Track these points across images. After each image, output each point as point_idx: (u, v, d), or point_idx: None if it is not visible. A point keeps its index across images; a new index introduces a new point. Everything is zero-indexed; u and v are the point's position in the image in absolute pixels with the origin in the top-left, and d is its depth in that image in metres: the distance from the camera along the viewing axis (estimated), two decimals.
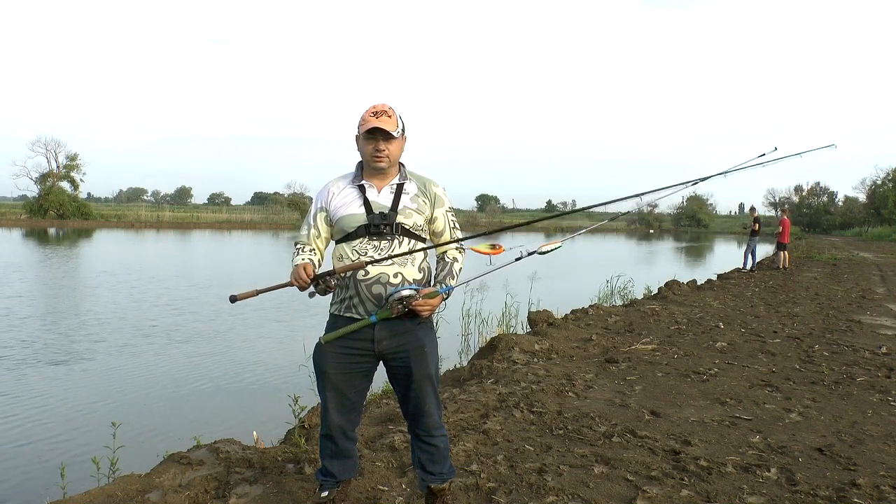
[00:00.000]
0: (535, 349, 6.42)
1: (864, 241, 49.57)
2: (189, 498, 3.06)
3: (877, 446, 4.00)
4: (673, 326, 8.19)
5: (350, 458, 2.84)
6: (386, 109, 2.56)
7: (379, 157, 2.57)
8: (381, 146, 2.55)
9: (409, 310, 2.56)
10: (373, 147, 2.56)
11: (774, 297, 11.75)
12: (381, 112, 2.55)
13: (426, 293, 2.54)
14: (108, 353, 8.21)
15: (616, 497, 3.18)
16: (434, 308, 2.59)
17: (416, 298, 2.52)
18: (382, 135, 2.54)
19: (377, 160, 2.57)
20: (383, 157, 2.57)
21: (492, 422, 4.16)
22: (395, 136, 2.56)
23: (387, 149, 2.56)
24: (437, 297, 2.57)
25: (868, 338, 7.80)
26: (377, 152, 2.56)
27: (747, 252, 17.85)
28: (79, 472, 4.30)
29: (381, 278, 2.56)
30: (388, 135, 2.55)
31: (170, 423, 5.83)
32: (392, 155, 2.59)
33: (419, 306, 2.53)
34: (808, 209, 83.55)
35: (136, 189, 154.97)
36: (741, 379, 5.58)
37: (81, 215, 51.81)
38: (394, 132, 2.55)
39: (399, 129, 2.58)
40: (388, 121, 2.54)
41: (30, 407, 6.16)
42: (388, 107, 2.58)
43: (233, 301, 2.58)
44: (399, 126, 2.59)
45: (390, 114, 2.56)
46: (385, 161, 2.58)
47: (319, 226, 2.72)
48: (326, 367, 2.65)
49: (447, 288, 2.59)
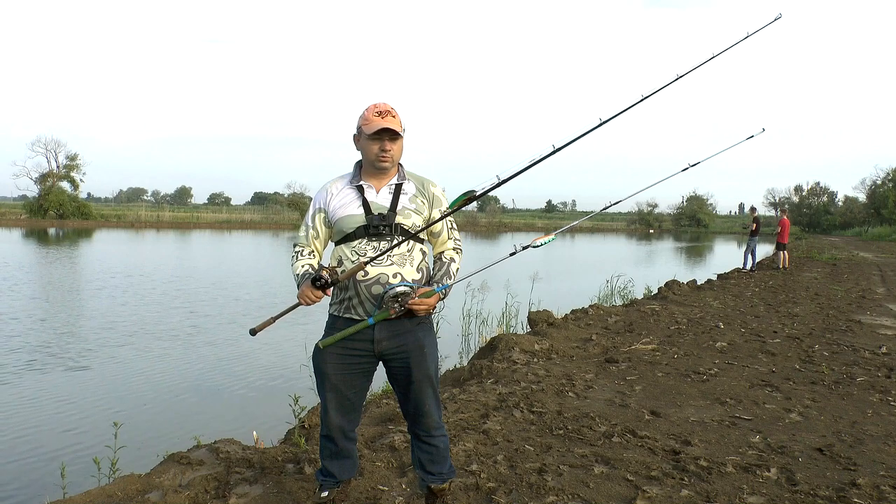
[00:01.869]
0: (535, 349, 6.42)
1: (864, 241, 49.60)
2: (189, 498, 3.06)
3: (877, 446, 4.00)
4: (673, 326, 8.19)
5: (350, 459, 2.84)
6: (389, 109, 2.57)
7: (384, 158, 2.57)
8: (388, 146, 2.55)
9: (408, 310, 2.57)
10: (378, 147, 2.56)
11: (774, 297, 11.75)
12: (385, 112, 2.55)
13: (422, 292, 2.54)
14: (108, 354, 8.21)
15: (616, 497, 3.18)
16: (431, 307, 2.59)
17: (412, 297, 2.52)
18: (389, 135, 2.54)
19: (383, 160, 2.58)
20: (388, 157, 2.57)
21: (492, 422, 4.16)
22: (401, 135, 2.58)
23: (392, 149, 2.57)
24: (434, 297, 2.57)
25: (868, 338, 7.80)
26: (383, 153, 2.56)
27: (747, 252, 17.84)
28: (79, 472, 4.31)
29: (380, 279, 2.55)
30: (395, 134, 2.56)
31: (170, 423, 5.83)
32: (395, 155, 2.61)
33: (415, 305, 2.53)
34: (808, 209, 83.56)
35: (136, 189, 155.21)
36: (741, 379, 5.58)
37: (81, 215, 51.76)
38: (400, 132, 2.56)
39: (403, 128, 2.60)
40: (394, 121, 2.55)
41: (30, 407, 6.16)
42: (391, 107, 2.58)
43: (253, 334, 2.64)
44: (402, 125, 2.60)
45: (394, 113, 2.57)
46: (389, 161, 2.59)
47: (318, 227, 2.72)
48: (326, 367, 2.65)
49: (443, 287, 2.59)
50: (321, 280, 2.50)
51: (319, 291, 2.53)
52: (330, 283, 2.51)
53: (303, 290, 2.57)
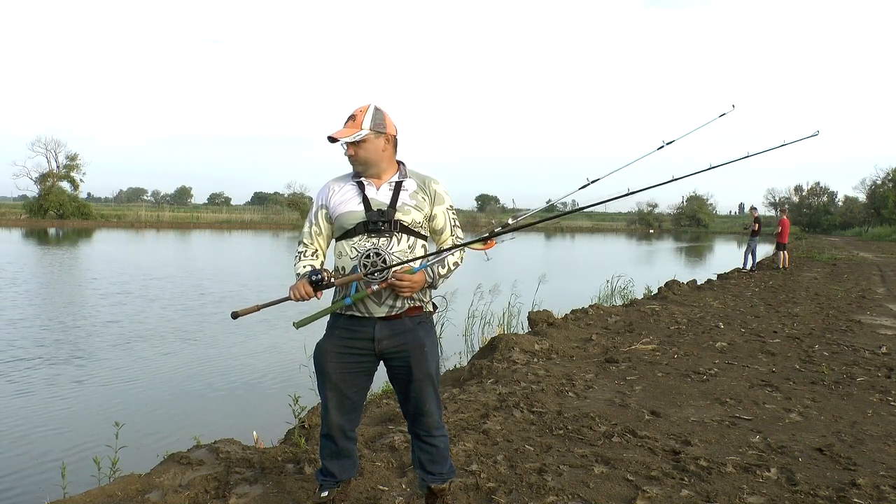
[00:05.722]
0: (535, 349, 6.42)
1: (864, 241, 49.58)
2: (189, 498, 3.06)
3: (877, 446, 4.00)
4: (673, 326, 8.19)
5: (350, 458, 2.85)
6: (355, 113, 2.61)
7: (351, 160, 2.65)
8: (349, 150, 2.61)
9: (410, 308, 2.60)
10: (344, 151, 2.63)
11: (774, 297, 11.75)
12: (350, 117, 2.62)
13: (403, 270, 2.53)
14: (109, 353, 8.21)
15: (616, 497, 3.18)
16: (413, 286, 2.55)
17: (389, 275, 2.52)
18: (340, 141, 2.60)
19: (352, 162, 2.65)
20: (354, 159, 2.64)
21: (492, 422, 4.16)
22: (355, 140, 2.57)
23: (355, 152, 2.61)
24: (419, 276, 2.55)
25: (868, 338, 7.80)
26: (348, 156, 2.63)
27: (747, 252, 17.84)
28: (79, 472, 4.31)
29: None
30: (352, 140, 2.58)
31: (170, 423, 5.83)
32: (364, 155, 2.61)
33: (397, 282, 2.52)
34: (808, 209, 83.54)
35: (136, 189, 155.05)
36: (741, 379, 5.58)
37: (81, 215, 51.77)
38: (350, 137, 2.56)
39: (363, 130, 2.58)
40: (352, 125, 2.58)
41: (30, 407, 6.16)
42: (360, 109, 2.61)
43: (235, 317, 2.60)
44: (364, 127, 2.58)
45: (356, 115, 2.60)
46: (358, 164, 2.64)
47: (320, 223, 2.75)
48: (327, 366, 2.66)
49: (422, 266, 2.57)
50: (318, 275, 2.53)
51: (311, 289, 2.54)
52: (325, 284, 2.54)
53: (297, 284, 2.58)
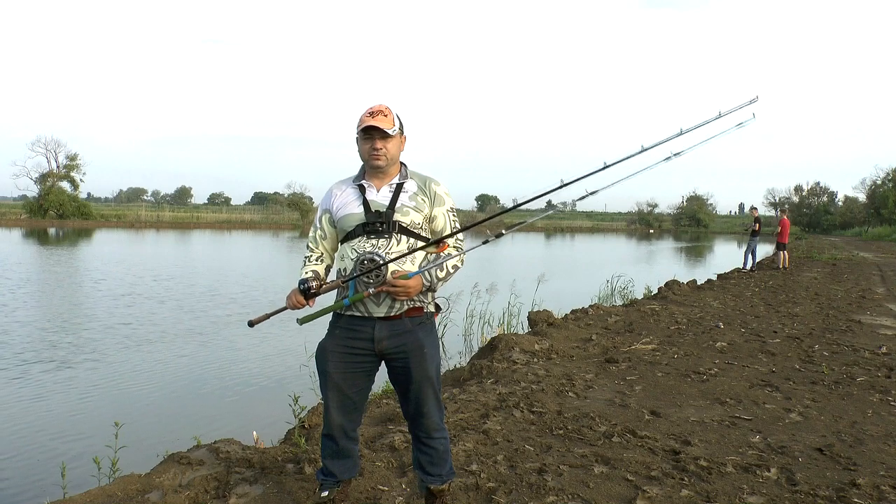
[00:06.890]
0: (535, 349, 6.42)
1: (864, 241, 49.57)
2: (189, 498, 3.06)
3: (877, 446, 4.00)
4: (673, 326, 8.19)
5: (351, 458, 2.85)
6: (382, 109, 2.60)
7: (376, 156, 2.60)
8: (378, 144, 2.58)
9: (410, 309, 2.60)
10: (370, 146, 2.59)
11: (774, 297, 11.75)
12: (377, 112, 2.59)
13: (399, 275, 2.53)
14: (109, 353, 8.20)
15: (616, 497, 3.18)
16: (410, 291, 2.55)
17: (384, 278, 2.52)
18: (378, 133, 2.57)
19: (375, 158, 2.60)
20: (381, 155, 2.60)
21: (492, 422, 4.16)
22: (390, 133, 2.58)
23: (384, 147, 2.59)
24: (415, 281, 2.54)
25: (868, 338, 7.80)
26: (374, 151, 2.59)
27: (747, 252, 17.85)
28: (79, 472, 4.31)
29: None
30: (384, 133, 2.57)
31: (170, 423, 5.83)
32: (389, 153, 2.61)
33: (390, 287, 2.52)
34: (808, 209, 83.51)
35: (136, 189, 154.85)
36: (741, 379, 5.58)
37: (81, 215, 51.76)
38: (389, 130, 2.57)
39: (395, 127, 2.60)
40: (384, 119, 2.57)
41: (30, 407, 6.15)
42: (385, 106, 2.61)
43: (251, 325, 2.76)
44: (395, 125, 2.61)
45: (386, 113, 2.59)
46: (383, 159, 2.61)
47: (325, 227, 2.77)
48: (328, 366, 2.67)
49: (418, 271, 2.56)
50: (305, 284, 2.62)
51: (302, 297, 2.62)
52: (314, 293, 2.62)
53: (291, 293, 2.67)
